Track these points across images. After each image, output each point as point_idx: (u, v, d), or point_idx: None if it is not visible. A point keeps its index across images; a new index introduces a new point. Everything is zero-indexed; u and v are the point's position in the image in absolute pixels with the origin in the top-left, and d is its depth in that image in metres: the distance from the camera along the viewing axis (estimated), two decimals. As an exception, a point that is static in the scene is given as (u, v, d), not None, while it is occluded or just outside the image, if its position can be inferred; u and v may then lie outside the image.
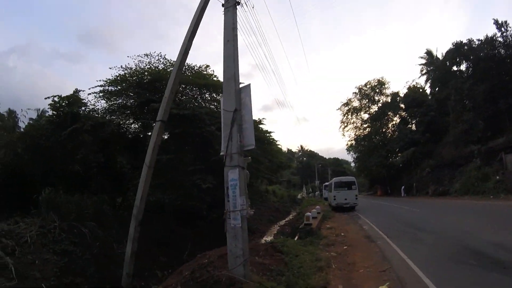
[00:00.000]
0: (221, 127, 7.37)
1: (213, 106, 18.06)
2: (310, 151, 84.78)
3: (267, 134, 18.66)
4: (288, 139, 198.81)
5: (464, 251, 8.95)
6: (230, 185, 6.89)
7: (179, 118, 14.52)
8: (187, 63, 17.09)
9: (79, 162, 13.34)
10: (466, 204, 20.76)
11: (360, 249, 10.61)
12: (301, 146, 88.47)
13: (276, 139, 19.10)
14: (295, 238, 12.72)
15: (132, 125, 17.59)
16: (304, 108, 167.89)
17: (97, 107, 16.28)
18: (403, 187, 41.86)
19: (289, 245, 10.32)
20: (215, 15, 9.75)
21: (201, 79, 17.23)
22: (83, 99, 15.11)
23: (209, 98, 18.57)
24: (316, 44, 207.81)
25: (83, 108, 15.02)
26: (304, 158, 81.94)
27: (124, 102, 17.02)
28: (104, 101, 16.57)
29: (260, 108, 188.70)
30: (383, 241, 11.49)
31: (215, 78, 17.70)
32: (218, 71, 19.20)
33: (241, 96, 7.38)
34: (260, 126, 19.41)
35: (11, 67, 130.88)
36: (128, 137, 16.66)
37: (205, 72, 18.02)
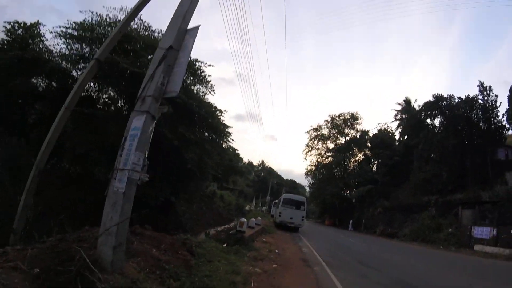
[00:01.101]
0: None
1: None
2: (270, 168, 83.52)
3: (225, 129, 16.31)
4: (252, 152, 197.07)
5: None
6: (130, 135, 4.68)
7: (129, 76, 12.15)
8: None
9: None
10: (415, 249, 19.55)
11: (292, 272, 8.55)
12: (262, 161, 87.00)
13: (233, 140, 16.73)
14: (224, 245, 10.47)
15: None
16: (275, 127, 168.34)
17: (55, 50, 13.65)
18: (351, 221, 41.01)
19: (206, 247, 8.10)
20: None
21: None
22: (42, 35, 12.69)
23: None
24: (303, 68, 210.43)
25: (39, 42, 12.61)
26: (263, 173, 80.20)
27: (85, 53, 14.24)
28: (64, 45, 13.84)
29: (233, 115, 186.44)
30: (321, 268, 9.53)
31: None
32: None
33: (185, 37, 5.40)
34: (221, 117, 17.10)
35: None
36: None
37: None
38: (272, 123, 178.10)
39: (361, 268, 10.43)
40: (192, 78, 15.27)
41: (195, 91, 14.98)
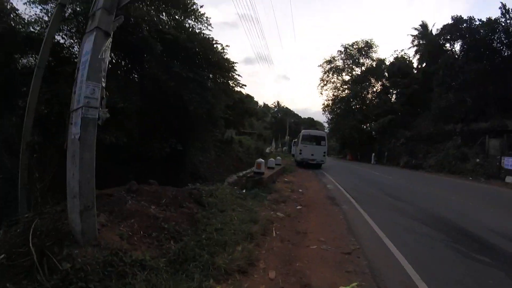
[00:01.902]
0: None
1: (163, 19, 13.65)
2: (286, 108, 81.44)
3: (229, 65, 14.39)
4: (266, 94, 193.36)
5: (458, 235, 6.11)
6: (82, 62, 3.36)
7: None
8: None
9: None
10: (444, 180, 18.35)
11: (318, 213, 7.56)
12: (278, 102, 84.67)
13: (239, 76, 14.88)
14: (243, 190, 9.55)
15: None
16: (286, 66, 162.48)
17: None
18: (373, 154, 39.86)
19: (219, 195, 7.12)
20: None
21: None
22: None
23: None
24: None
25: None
26: (279, 114, 78.49)
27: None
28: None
29: (241, 60, 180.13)
30: (350, 206, 8.53)
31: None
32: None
33: None
34: (223, 52, 15.11)
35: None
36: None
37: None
38: (283, 61, 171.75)
39: (392, 202, 9.39)
40: (181, 12, 13.38)
41: (187, 26, 13.13)
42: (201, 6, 13.36)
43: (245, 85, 14.89)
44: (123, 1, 3.59)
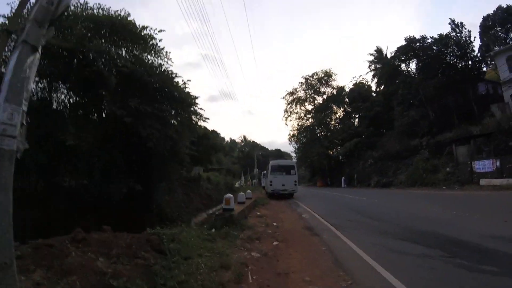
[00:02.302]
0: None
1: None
2: (253, 141, 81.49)
3: (191, 100, 13.62)
4: (232, 130, 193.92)
5: (453, 247, 5.54)
6: (4, 82, 2.49)
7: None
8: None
9: None
10: (419, 194, 18.24)
11: (298, 247, 6.71)
12: (244, 137, 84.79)
13: (202, 109, 14.13)
14: (212, 230, 8.53)
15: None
16: (250, 102, 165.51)
17: None
18: (343, 178, 40.04)
19: (183, 239, 6.09)
20: None
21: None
22: None
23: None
24: (267, 37, 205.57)
25: None
26: (246, 148, 78.18)
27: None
28: None
29: (206, 98, 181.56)
30: (331, 234, 7.77)
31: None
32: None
33: None
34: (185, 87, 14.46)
35: None
36: None
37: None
38: (247, 97, 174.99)
39: (374, 224, 8.75)
40: (140, 47, 12.75)
41: (146, 61, 12.45)
42: (160, 40, 12.73)
43: (208, 119, 14.21)
44: (57, 11, 2.84)
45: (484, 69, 33.46)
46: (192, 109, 13.21)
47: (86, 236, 4.90)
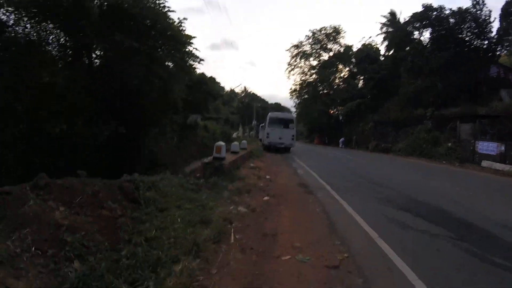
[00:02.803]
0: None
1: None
2: (253, 93, 79.43)
3: (186, 39, 12.15)
4: (233, 81, 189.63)
5: (461, 229, 4.96)
6: None
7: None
8: None
9: None
10: (418, 164, 17.53)
11: (290, 205, 6.08)
12: (245, 88, 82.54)
13: (196, 49, 12.71)
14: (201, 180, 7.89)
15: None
16: (252, 52, 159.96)
17: None
18: (342, 139, 39.32)
19: (162, 188, 5.42)
20: None
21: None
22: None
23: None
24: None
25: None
26: (246, 100, 76.47)
27: None
28: None
29: (208, 46, 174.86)
30: (327, 195, 7.13)
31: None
32: None
33: None
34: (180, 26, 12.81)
35: None
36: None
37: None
38: (250, 47, 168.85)
39: (373, 188, 8.12)
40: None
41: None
42: None
43: (203, 60, 12.86)
44: None
45: (499, 52, 31.74)
46: (187, 49, 11.97)
47: (50, 182, 4.16)
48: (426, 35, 34.79)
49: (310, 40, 51.92)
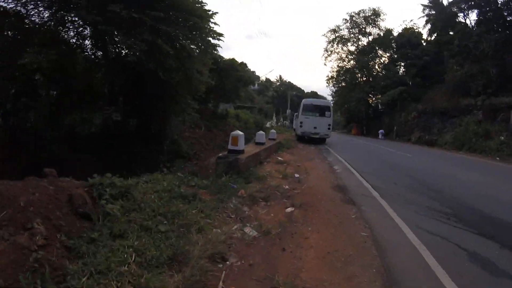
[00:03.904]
0: None
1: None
2: (289, 82, 76.59)
3: (206, 14, 10.30)
4: (267, 69, 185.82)
5: None
6: None
7: None
8: None
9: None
10: (471, 161, 14.51)
11: (322, 224, 4.16)
12: (280, 76, 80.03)
13: (216, 24, 10.83)
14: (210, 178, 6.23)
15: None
16: (289, 41, 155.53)
17: None
18: (381, 130, 36.19)
19: (138, 195, 3.75)
20: None
21: None
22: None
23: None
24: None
25: None
26: (281, 88, 73.89)
27: None
28: None
29: (244, 36, 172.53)
30: (373, 206, 5.15)
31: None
32: None
33: None
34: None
35: None
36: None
37: None
38: (285, 37, 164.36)
39: (433, 197, 5.98)
40: None
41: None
42: None
43: (222, 35, 10.90)
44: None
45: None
46: (206, 26, 10.14)
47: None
48: (472, 17, 31.35)
49: (348, 24, 48.60)
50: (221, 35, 10.91)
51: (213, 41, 11.57)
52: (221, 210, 4.25)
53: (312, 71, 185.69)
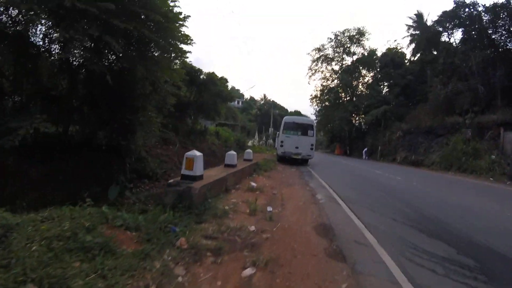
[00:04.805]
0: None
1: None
2: (273, 101, 75.64)
3: (179, 17, 8.99)
4: (252, 88, 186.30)
5: None
6: None
7: None
8: None
9: None
10: (464, 183, 13.37)
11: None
12: (264, 95, 79.21)
13: (191, 39, 9.50)
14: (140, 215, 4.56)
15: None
16: (273, 60, 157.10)
17: None
18: (365, 149, 35.27)
19: (18, 244, 2.05)
20: None
21: None
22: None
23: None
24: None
25: None
26: (265, 107, 73.02)
27: None
28: None
29: (228, 52, 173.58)
30: (374, 263, 3.54)
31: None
32: None
33: None
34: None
35: None
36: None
37: None
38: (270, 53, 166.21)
39: (452, 242, 4.46)
40: None
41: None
42: None
43: (194, 42, 9.50)
44: None
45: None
46: (173, 27, 8.65)
47: None
48: (456, 36, 31.53)
49: (333, 43, 48.60)
50: (190, 39, 9.44)
51: (185, 47, 10.13)
52: (138, 275, 2.59)
53: (296, 91, 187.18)
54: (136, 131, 10.81)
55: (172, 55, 9.95)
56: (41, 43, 7.68)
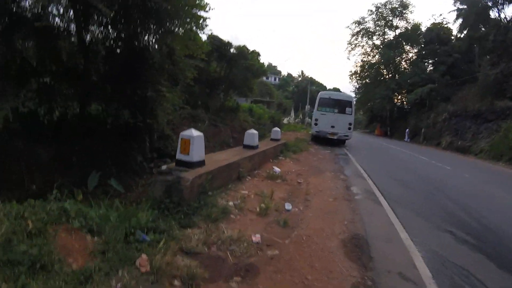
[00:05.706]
0: None
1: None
2: (310, 77, 72.33)
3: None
4: (290, 65, 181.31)
5: None
6: None
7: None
8: None
9: None
10: None
11: None
12: (302, 72, 76.08)
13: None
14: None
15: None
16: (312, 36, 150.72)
17: None
18: (407, 130, 32.54)
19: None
20: None
21: None
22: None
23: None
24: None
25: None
26: (303, 84, 69.98)
27: None
28: None
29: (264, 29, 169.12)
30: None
31: None
32: None
33: None
34: None
35: None
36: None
37: None
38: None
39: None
40: None
41: None
42: None
43: (212, 8, 8.40)
44: None
45: None
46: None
47: None
48: (508, 12, 27.83)
49: (374, 16, 44.36)
50: (206, 4, 8.30)
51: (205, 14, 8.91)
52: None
53: (335, 68, 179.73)
54: (156, 107, 10.01)
55: (188, 25, 8.83)
56: (60, 23, 7.65)
